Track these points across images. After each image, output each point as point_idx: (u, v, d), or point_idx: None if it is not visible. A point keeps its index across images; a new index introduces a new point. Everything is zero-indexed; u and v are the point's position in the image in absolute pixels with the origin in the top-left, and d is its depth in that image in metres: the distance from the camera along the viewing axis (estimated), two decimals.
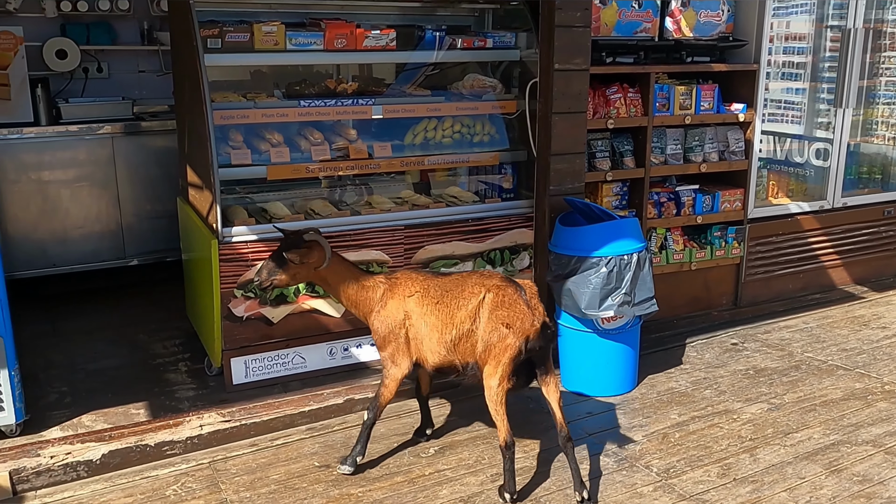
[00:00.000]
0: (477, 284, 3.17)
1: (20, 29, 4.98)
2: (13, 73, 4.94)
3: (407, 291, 3.24)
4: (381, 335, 3.27)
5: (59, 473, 3.32)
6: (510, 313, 3.06)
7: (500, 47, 4.42)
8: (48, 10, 5.33)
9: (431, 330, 3.17)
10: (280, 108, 4.00)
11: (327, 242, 3.25)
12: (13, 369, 3.39)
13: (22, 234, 5.00)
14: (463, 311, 3.13)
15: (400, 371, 3.25)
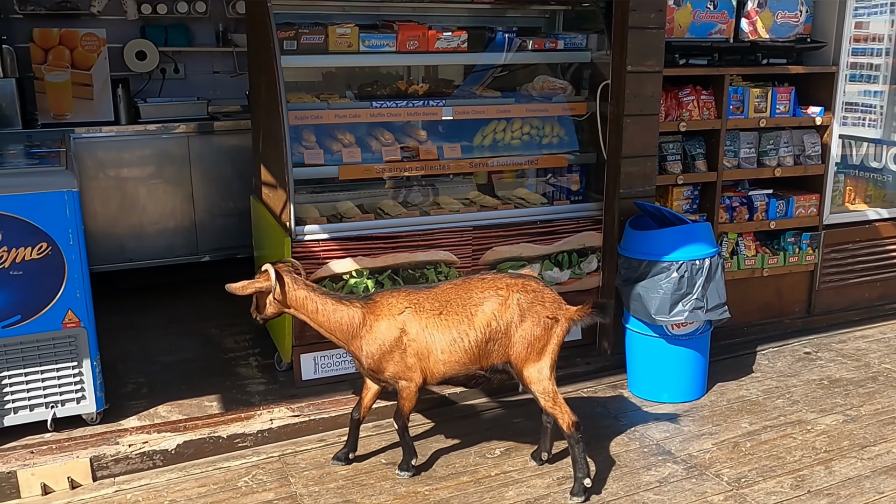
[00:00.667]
0: (491, 288, 3.15)
1: (103, 31, 5.16)
2: (96, 73, 5.13)
3: (394, 310, 3.15)
4: (374, 359, 3.17)
5: (136, 461, 3.43)
6: (549, 306, 3.12)
7: (570, 49, 4.40)
8: (129, 12, 5.50)
9: (442, 342, 3.13)
10: (352, 108, 4.06)
11: (276, 278, 3.09)
12: (95, 360, 3.51)
13: (101, 229, 5.17)
14: (483, 316, 3.11)
15: (414, 383, 3.19)
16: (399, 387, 3.22)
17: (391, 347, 3.14)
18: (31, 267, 3.30)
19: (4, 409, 3.40)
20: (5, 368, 3.36)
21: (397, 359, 3.16)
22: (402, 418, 3.28)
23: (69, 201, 3.31)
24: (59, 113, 5.10)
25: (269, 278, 3.10)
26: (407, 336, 3.14)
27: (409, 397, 3.22)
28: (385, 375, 3.22)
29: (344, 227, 3.93)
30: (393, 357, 3.15)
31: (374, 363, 3.18)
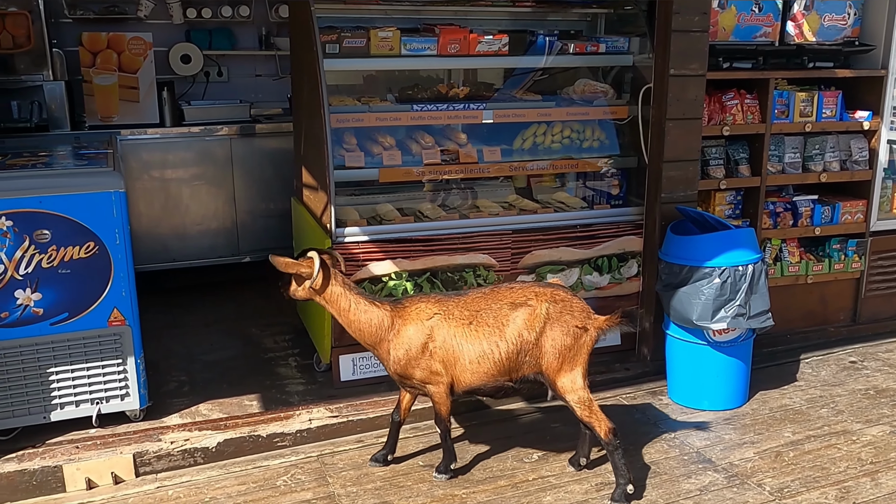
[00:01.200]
0: (520, 298, 3.13)
1: (150, 35, 5.26)
2: (142, 76, 5.22)
3: (423, 315, 3.14)
4: (402, 362, 3.16)
5: (177, 458, 3.48)
6: (578, 315, 3.11)
7: (612, 52, 4.38)
8: (175, 16, 5.60)
9: (471, 352, 3.11)
10: (393, 111, 4.08)
11: (320, 267, 3.09)
12: (139, 357, 3.57)
13: (146, 229, 5.26)
14: (514, 327, 3.09)
15: (443, 386, 3.19)
16: (429, 392, 3.22)
17: (418, 353, 3.14)
18: (78, 266, 3.37)
19: (51, 405, 3.48)
20: (53, 365, 3.44)
21: (424, 364, 3.15)
22: (443, 422, 3.28)
23: (116, 202, 3.37)
24: (106, 115, 5.20)
25: (313, 266, 3.10)
26: (433, 343, 3.13)
27: (442, 401, 3.22)
28: (413, 381, 3.22)
29: (383, 229, 3.95)
30: (420, 363, 3.15)
31: (402, 368, 3.18)
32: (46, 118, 5.08)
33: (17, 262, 3.28)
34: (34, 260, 3.31)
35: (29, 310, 3.35)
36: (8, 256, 3.27)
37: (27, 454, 3.36)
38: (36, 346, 3.40)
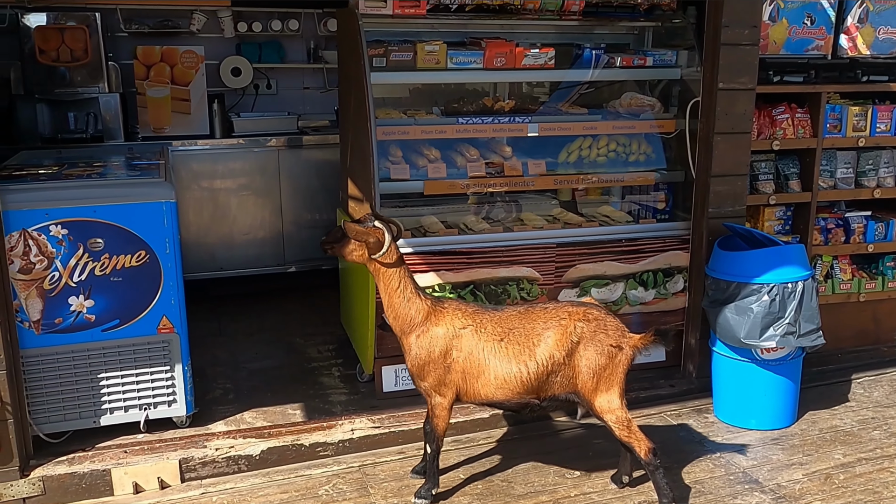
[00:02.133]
0: (553, 318, 3.09)
1: (201, 48, 5.37)
2: (194, 89, 5.34)
3: (458, 323, 3.11)
4: (419, 362, 3.13)
5: (222, 465, 3.53)
6: (612, 334, 3.06)
7: (660, 65, 4.35)
8: (226, 30, 5.71)
9: (499, 369, 3.07)
10: (438, 124, 4.09)
11: (391, 237, 3.09)
12: (186, 365, 3.64)
13: (194, 238, 5.36)
14: (545, 347, 3.05)
15: (447, 400, 3.16)
16: (432, 402, 3.19)
17: (438, 358, 3.11)
18: (129, 274, 3.45)
19: (101, 410, 3.56)
20: (103, 370, 3.52)
21: (440, 371, 3.12)
22: (437, 440, 3.24)
23: (167, 212, 3.45)
24: (159, 126, 5.33)
25: (383, 239, 3.07)
26: (458, 352, 3.09)
27: (442, 415, 3.18)
28: (423, 384, 3.19)
29: (427, 241, 3.96)
30: (437, 368, 3.12)
31: (418, 367, 3.16)
32: (101, 129, 5.22)
33: (72, 270, 3.37)
34: (87, 268, 3.39)
35: (82, 316, 3.43)
36: (63, 264, 3.36)
37: (77, 457, 3.44)
38: (88, 351, 3.48)
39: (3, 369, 3.21)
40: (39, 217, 3.30)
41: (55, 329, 3.42)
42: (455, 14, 4.07)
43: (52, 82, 5.11)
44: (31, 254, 3.31)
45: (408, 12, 3.93)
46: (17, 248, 3.29)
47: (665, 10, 4.42)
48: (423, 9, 3.93)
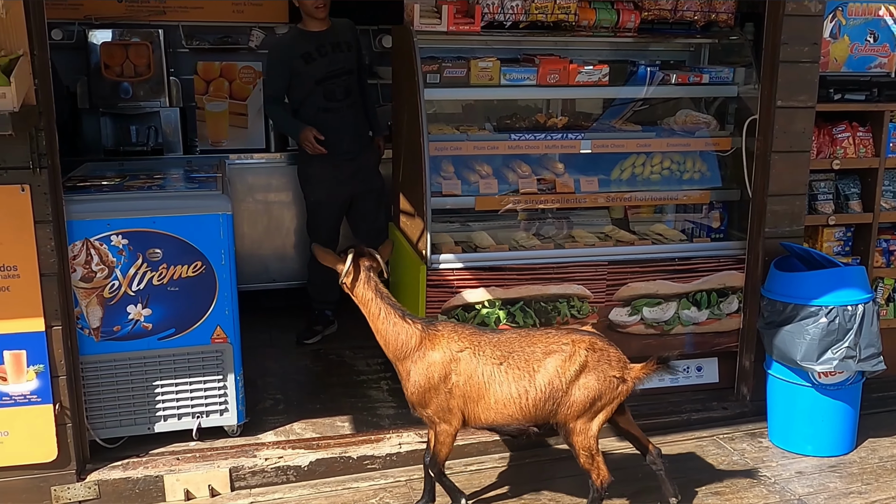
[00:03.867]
0: (555, 343, 3.02)
1: (259, 64, 5.48)
2: (251, 103, 5.45)
3: (454, 346, 3.02)
4: (420, 389, 3.05)
5: (271, 475, 3.57)
6: (616, 365, 3.01)
7: (716, 83, 4.29)
8: None
9: (498, 394, 3.00)
10: (491, 140, 4.11)
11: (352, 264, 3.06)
12: (238, 375, 3.69)
13: (248, 250, 5.44)
14: (545, 374, 2.98)
15: (452, 427, 3.09)
16: (437, 430, 3.12)
17: (438, 383, 3.04)
18: (186, 284, 3.53)
19: (156, 417, 3.63)
20: (158, 378, 3.59)
21: (443, 397, 3.05)
22: (437, 465, 3.19)
23: (223, 223, 3.52)
24: (216, 140, 5.44)
25: (345, 265, 3.07)
26: (457, 376, 3.02)
27: (446, 442, 3.12)
28: (426, 412, 3.11)
29: (478, 256, 3.97)
30: (438, 394, 3.05)
31: (418, 395, 3.07)
32: (161, 142, 5.35)
33: (131, 279, 3.46)
34: (146, 277, 3.48)
35: (139, 324, 3.52)
36: (122, 273, 3.45)
37: (132, 463, 3.52)
38: (144, 359, 3.56)
39: (63, 375, 3.30)
40: (101, 227, 3.40)
41: (113, 337, 3.50)
42: (509, 31, 4.08)
43: (115, 96, 5.26)
44: (93, 263, 3.41)
45: (462, 29, 3.96)
46: (79, 256, 3.39)
47: (722, 27, 4.37)
48: (478, 26, 3.95)
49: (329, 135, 4.61)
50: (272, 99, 4.83)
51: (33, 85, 3.08)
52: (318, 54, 4.62)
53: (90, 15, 5.33)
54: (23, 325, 3.22)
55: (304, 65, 4.61)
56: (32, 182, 3.13)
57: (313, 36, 4.64)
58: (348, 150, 4.67)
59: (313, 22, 4.63)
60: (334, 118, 4.66)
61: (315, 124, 4.63)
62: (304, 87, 4.66)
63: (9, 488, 3.31)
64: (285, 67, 4.63)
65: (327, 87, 4.64)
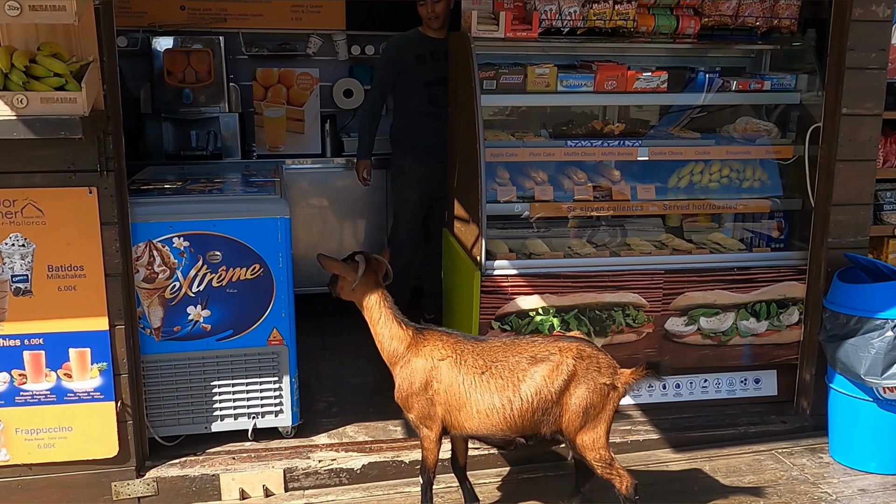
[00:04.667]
0: (542, 352, 2.96)
1: (316, 71, 5.57)
2: (308, 109, 5.53)
3: (437, 354, 3.02)
4: (403, 394, 3.08)
5: (324, 477, 3.60)
6: (605, 372, 2.94)
7: (778, 90, 4.21)
8: (340, 53, 5.88)
9: (480, 403, 2.96)
10: (547, 147, 4.09)
11: (362, 269, 3.10)
12: (294, 377, 3.74)
13: (302, 253, 5.50)
14: (531, 383, 2.92)
15: (434, 433, 3.08)
16: (420, 434, 3.14)
17: (419, 390, 3.04)
18: (244, 286, 3.59)
19: (213, 416, 3.69)
20: (216, 378, 3.66)
21: (422, 405, 3.05)
22: (427, 472, 3.17)
23: (282, 227, 3.57)
24: (274, 145, 5.54)
25: (356, 271, 3.11)
26: (437, 384, 3.01)
27: (430, 447, 3.11)
28: (409, 416, 3.14)
29: (533, 263, 3.95)
30: (419, 401, 3.05)
31: (403, 399, 3.11)
32: (220, 147, 5.45)
33: (191, 281, 3.53)
34: (206, 279, 3.54)
35: (198, 325, 3.58)
36: (183, 274, 3.52)
37: (189, 461, 3.58)
38: (203, 359, 3.62)
39: (125, 373, 3.38)
40: (164, 229, 3.47)
41: (173, 336, 3.58)
42: (566, 37, 4.06)
43: (177, 102, 5.38)
44: (155, 264, 3.49)
45: (519, 35, 3.95)
46: (142, 258, 3.47)
47: (784, 33, 4.28)
48: (535, 32, 3.94)
49: (425, 137, 4.83)
50: (373, 103, 4.99)
51: (102, 90, 3.17)
52: (432, 58, 4.77)
53: (154, 22, 5.46)
54: (87, 323, 3.31)
55: (416, 65, 4.79)
56: (100, 185, 3.22)
57: (430, 41, 4.80)
58: (439, 155, 4.79)
59: (432, 29, 4.79)
60: (432, 123, 4.81)
61: (414, 126, 4.88)
62: (411, 87, 4.85)
63: (72, 482, 3.40)
64: (397, 63, 4.83)
65: (432, 91, 4.79)
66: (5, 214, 3.16)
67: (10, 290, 3.22)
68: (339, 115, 5.92)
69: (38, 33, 3.07)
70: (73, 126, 2.88)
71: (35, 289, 3.23)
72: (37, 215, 3.19)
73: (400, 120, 5.02)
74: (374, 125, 5.02)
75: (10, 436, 3.32)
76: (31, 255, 3.21)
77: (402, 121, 4.99)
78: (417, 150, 4.89)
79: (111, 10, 3.19)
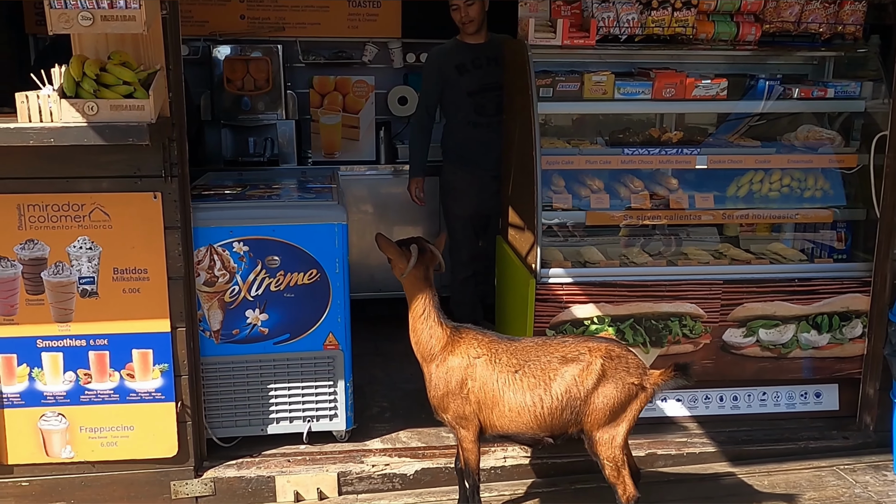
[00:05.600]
0: (572, 352, 2.99)
1: (372, 78, 5.62)
2: (363, 116, 5.59)
3: (472, 352, 3.07)
4: (439, 393, 3.11)
5: (377, 482, 3.62)
6: (634, 372, 2.95)
7: (841, 97, 4.11)
8: (395, 61, 5.94)
9: (513, 401, 3.00)
10: (603, 155, 4.07)
11: (413, 260, 3.11)
12: (348, 381, 3.77)
13: (356, 259, 5.53)
14: (562, 382, 2.96)
15: (471, 433, 3.10)
16: (458, 435, 3.16)
17: (455, 388, 3.08)
18: (301, 291, 3.63)
19: (269, 419, 3.74)
20: (272, 381, 3.71)
21: (458, 404, 3.08)
22: (472, 475, 3.17)
23: (339, 233, 3.61)
24: (329, 152, 5.60)
25: (408, 262, 3.14)
26: (473, 381, 3.05)
27: (469, 447, 3.13)
28: (445, 417, 3.16)
29: (588, 272, 3.93)
30: (455, 399, 3.09)
31: (438, 399, 3.13)
32: (277, 153, 5.54)
33: (250, 285, 3.59)
34: (264, 283, 3.60)
35: (256, 329, 3.64)
36: (242, 279, 3.58)
37: (245, 462, 3.64)
38: (260, 362, 3.68)
39: (186, 374, 3.45)
40: (224, 234, 3.54)
41: (232, 339, 3.64)
42: (624, 45, 4.03)
43: (236, 109, 5.48)
44: (216, 268, 3.56)
45: (577, 43, 3.93)
46: (203, 261, 3.55)
47: (847, 39, 4.19)
48: (593, 40, 3.92)
49: (476, 149, 4.70)
50: (421, 118, 4.88)
51: (168, 98, 3.25)
52: (473, 66, 4.66)
53: (215, 31, 5.58)
54: (150, 325, 3.39)
55: (457, 75, 4.68)
56: (164, 190, 3.30)
57: (469, 48, 4.68)
58: (491, 168, 4.69)
59: (468, 35, 4.68)
60: (482, 133, 4.68)
61: (463, 138, 4.76)
62: (456, 99, 4.74)
63: (133, 480, 3.48)
64: (438, 76, 4.73)
65: (478, 100, 4.68)
66: (74, 218, 3.26)
67: (78, 292, 3.32)
68: (394, 122, 5.97)
69: (108, 42, 3.17)
70: (141, 133, 2.96)
71: (101, 291, 3.33)
72: (104, 219, 3.28)
73: (449, 132, 4.90)
74: (425, 141, 4.92)
75: (74, 433, 3.41)
76: (98, 257, 3.31)
77: (450, 133, 4.88)
78: (468, 163, 4.76)
79: (177, 20, 3.27)
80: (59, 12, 2.81)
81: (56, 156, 3.15)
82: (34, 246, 3.26)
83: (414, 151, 4.96)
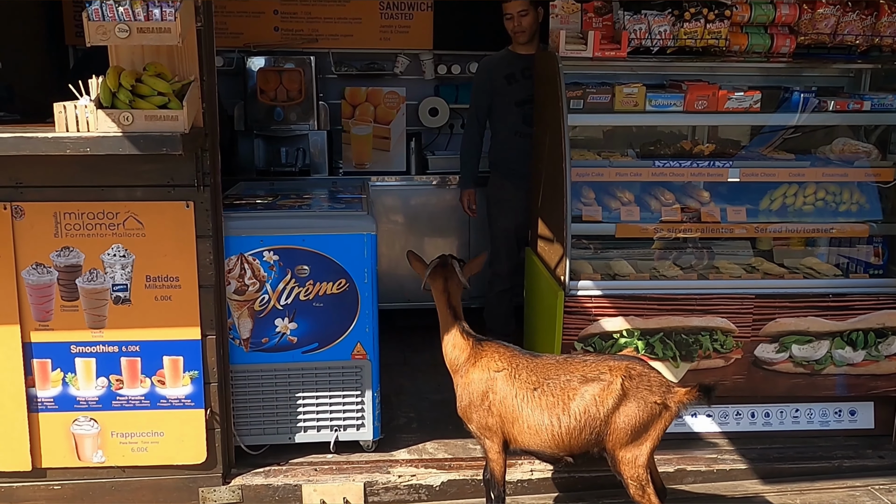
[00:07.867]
0: (593, 372, 2.97)
1: (403, 89, 5.65)
2: (394, 127, 5.62)
3: (494, 366, 3.09)
4: (464, 403, 3.17)
5: (403, 492, 3.62)
6: (657, 390, 2.91)
7: (878, 110, 4.05)
8: (427, 72, 5.97)
9: (531, 419, 3.00)
10: (634, 167, 4.05)
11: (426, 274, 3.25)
12: (376, 391, 3.78)
13: (385, 270, 5.56)
14: (581, 402, 2.94)
15: (496, 444, 3.12)
16: (483, 446, 3.18)
17: (478, 400, 3.11)
18: (330, 301, 3.65)
19: (296, 427, 3.76)
20: (301, 390, 3.73)
21: (481, 415, 3.11)
22: (497, 486, 3.17)
23: (368, 243, 3.63)
24: (360, 162, 5.64)
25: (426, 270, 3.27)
26: (494, 394, 3.07)
27: (495, 458, 3.14)
28: (470, 427, 3.19)
29: (618, 285, 3.90)
30: (478, 410, 3.11)
31: (463, 409, 3.17)
32: (308, 163, 5.58)
33: (280, 294, 3.62)
34: (293, 292, 3.62)
35: (285, 337, 3.67)
36: (272, 287, 3.61)
37: (272, 470, 3.66)
38: (288, 371, 3.70)
39: (215, 382, 3.48)
40: (255, 243, 3.57)
41: (261, 348, 3.67)
42: (655, 57, 4.01)
43: (269, 119, 5.53)
44: (246, 277, 3.59)
45: (608, 55, 3.92)
46: (234, 270, 3.58)
47: (885, 52, 4.13)
48: (624, 51, 3.91)
49: (523, 160, 4.67)
50: (471, 130, 4.88)
51: (201, 109, 3.30)
52: (522, 76, 4.66)
53: (249, 43, 5.65)
54: (181, 333, 3.43)
55: (506, 85, 4.69)
56: (196, 199, 3.34)
57: (520, 58, 4.69)
58: None
59: (519, 45, 4.69)
60: (529, 144, 4.65)
61: (510, 148, 4.75)
62: (504, 108, 4.74)
63: (162, 486, 3.52)
64: (488, 86, 4.75)
65: (526, 110, 4.67)
66: (108, 226, 3.32)
67: (111, 299, 3.37)
68: (425, 133, 6.00)
69: (143, 54, 3.22)
70: (175, 142, 3.00)
71: (133, 298, 3.37)
72: (137, 227, 3.33)
73: (496, 143, 4.86)
74: (476, 152, 4.90)
75: (106, 438, 3.46)
76: (131, 265, 3.36)
77: (498, 144, 4.84)
78: (515, 174, 4.72)
79: (212, 32, 3.32)
80: (97, 24, 2.87)
81: (92, 165, 3.21)
82: (69, 253, 3.32)
83: (465, 162, 4.96)
